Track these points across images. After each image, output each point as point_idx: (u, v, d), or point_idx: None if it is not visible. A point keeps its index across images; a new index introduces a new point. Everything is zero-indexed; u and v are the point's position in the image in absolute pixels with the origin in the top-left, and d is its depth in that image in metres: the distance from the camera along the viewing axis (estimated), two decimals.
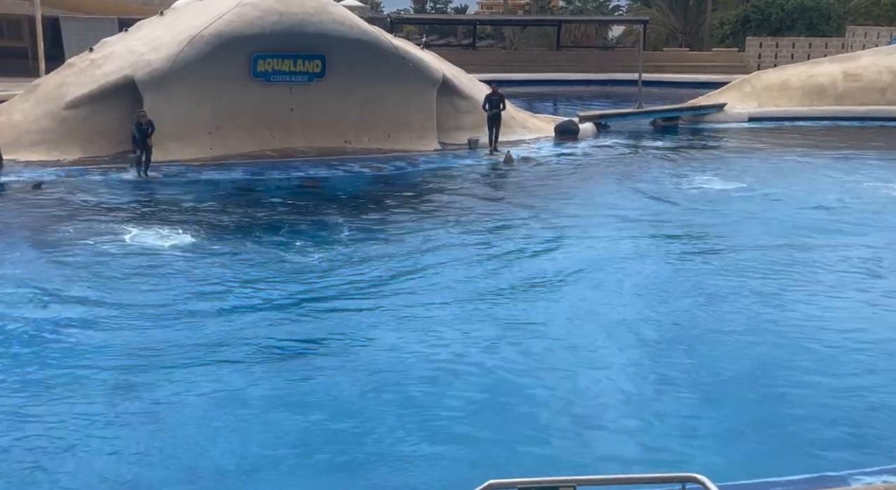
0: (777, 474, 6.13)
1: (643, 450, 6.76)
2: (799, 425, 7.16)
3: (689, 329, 9.23)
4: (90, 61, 18.71)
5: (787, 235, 12.95)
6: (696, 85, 31.54)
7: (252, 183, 16.83)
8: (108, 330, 8.96)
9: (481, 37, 50.23)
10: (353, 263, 11.47)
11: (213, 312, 9.49)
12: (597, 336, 8.99)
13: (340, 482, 6.33)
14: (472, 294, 10.24)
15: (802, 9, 40.01)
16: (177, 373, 7.97)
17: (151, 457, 6.57)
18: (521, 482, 3.94)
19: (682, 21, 47.88)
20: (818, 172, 18.44)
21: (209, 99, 18.47)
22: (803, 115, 25.92)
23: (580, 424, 7.21)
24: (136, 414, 7.21)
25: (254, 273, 10.94)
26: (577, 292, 10.38)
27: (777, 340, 8.92)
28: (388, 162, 18.71)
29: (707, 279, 10.95)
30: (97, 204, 14.57)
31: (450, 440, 6.90)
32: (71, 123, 17.96)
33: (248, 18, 18.27)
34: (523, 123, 22.35)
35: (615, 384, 7.89)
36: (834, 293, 10.44)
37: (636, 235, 13.01)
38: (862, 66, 26.92)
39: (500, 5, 70.96)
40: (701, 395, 7.69)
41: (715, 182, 17.18)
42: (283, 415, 7.24)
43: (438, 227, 13.49)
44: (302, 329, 9.17)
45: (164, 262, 11.31)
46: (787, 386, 7.87)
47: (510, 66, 37.33)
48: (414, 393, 7.68)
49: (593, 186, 16.89)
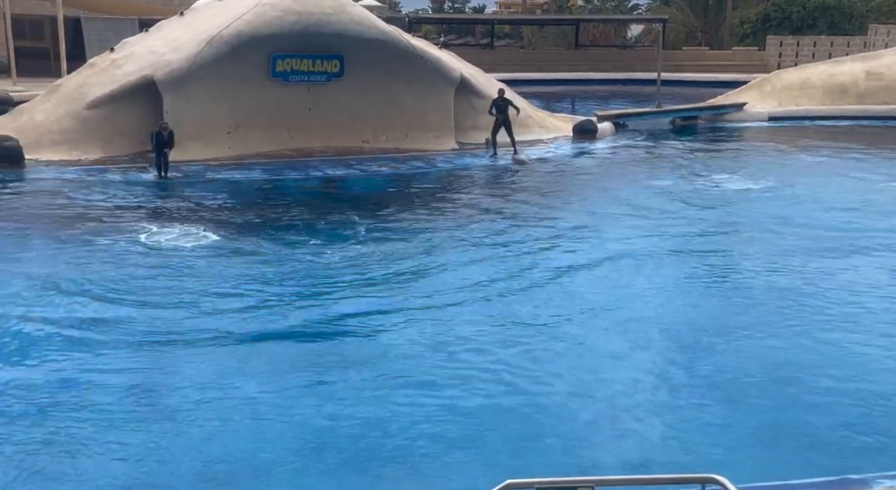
0: (798, 477, 6.07)
1: (662, 450, 6.72)
2: (822, 427, 7.09)
3: (710, 329, 9.16)
4: (111, 61, 18.86)
5: (807, 235, 12.84)
6: (716, 84, 31.30)
7: (271, 182, 16.90)
8: (121, 328, 9.00)
9: (499, 36, 50.17)
10: (371, 263, 11.48)
11: (230, 311, 9.52)
12: (612, 335, 8.95)
13: (356, 482, 6.33)
14: (489, 292, 10.22)
15: (824, 7, 39.63)
16: (189, 371, 8.01)
17: (163, 456, 6.60)
18: (540, 482, 3.92)
19: (701, 20, 47.58)
20: (839, 172, 18.23)
21: (228, 99, 18.56)
22: (824, 115, 25.66)
23: (599, 423, 7.17)
24: (149, 412, 7.26)
25: (270, 272, 10.97)
26: (594, 291, 10.34)
27: (801, 341, 8.84)
28: (405, 162, 18.72)
29: (724, 278, 10.89)
30: (116, 203, 14.67)
31: (467, 439, 6.88)
32: (92, 123, 18.11)
33: (267, 18, 18.36)
34: (541, 123, 22.29)
35: (633, 384, 7.84)
36: (855, 292, 10.34)
37: (653, 235, 12.92)
38: (884, 64, 26.60)
39: (518, 5, 70.81)
40: (722, 396, 7.63)
41: (733, 181, 17.06)
42: (296, 415, 7.24)
43: (455, 227, 13.47)
44: (317, 328, 9.17)
45: (182, 260, 11.36)
46: (809, 387, 7.80)
47: (528, 66, 37.27)
48: (431, 391, 7.67)
49: (611, 186, 16.80)
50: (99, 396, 7.48)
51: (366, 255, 11.80)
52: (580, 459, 6.56)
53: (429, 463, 6.56)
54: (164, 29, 19.85)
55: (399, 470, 6.48)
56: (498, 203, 15.36)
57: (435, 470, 6.48)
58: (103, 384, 7.72)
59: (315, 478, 6.37)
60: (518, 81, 27.41)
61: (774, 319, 9.43)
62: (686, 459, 6.49)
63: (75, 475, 6.32)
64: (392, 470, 6.48)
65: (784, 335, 8.97)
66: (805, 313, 9.62)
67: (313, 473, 6.41)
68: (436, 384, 7.82)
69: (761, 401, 7.55)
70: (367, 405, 7.40)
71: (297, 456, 6.62)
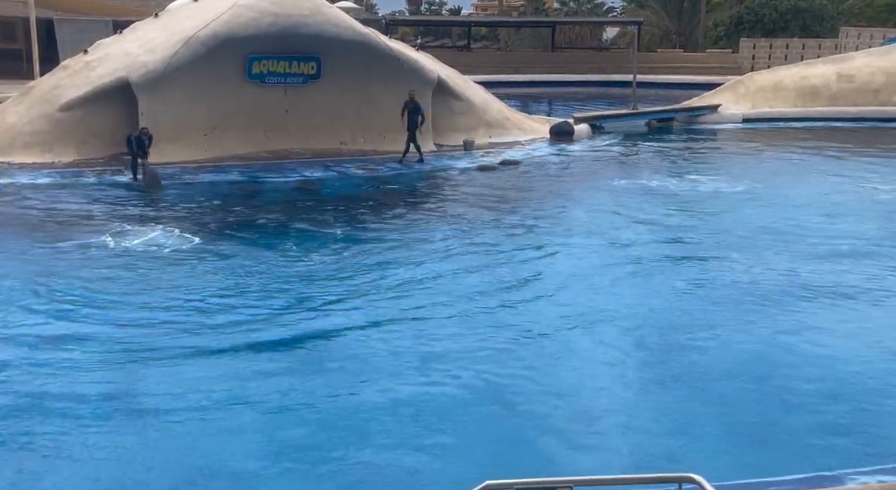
0: (773, 474, 6.16)
1: (640, 450, 6.78)
2: (796, 425, 7.19)
3: (685, 330, 9.25)
4: (85, 63, 18.69)
5: (779, 235, 13.01)
6: (691, 86, 31.62)
7: (248, 184, 16.82)
8: (100, 331, 8.93)
9: (476, 38, 50.30)
10: (348, 265, 11.47)
11: (206, 315, 9.47)
12: (588, 337, 9.02)
13: (340, 484, 6.33)
14: (466, 294, 10.24)
15: (796, 10, 40.14)
16: (162, 376, 7.95)
17: (146, 461, 6.56)
18: (518, 483, 3.95)
19: (676, 22, 47.99)
20: (812, 173, 18.48)
21: (204, 100, 18.46)
22: (797, 116, 26.00)
23: (577, 425, 7.22)
24: (129, 418, 7.21)
25: (249, 275, 10.93)
26: (569, 293, 10.39)
27: (772, 340, 8.96)
28: (383, 163, 18.71)
29: (697, 278, 11.00)
30: (90, 206, 14.54)
31: (446, 441, 6.90)
32: (65, 125, 17.93)
33: (243, 20, 18.27)
34: (519, 125, 22.38)
35: (611, 384, 7.91)
36: (827, 293, 10.48)
37: (629, 237, 13.03)
38: (855, 67, 27.01)
39: (494, 6, 70.99)
40: (697, 395, 7.71)
41: (708, 183, 17.24)
42: (276, 419, 7.23)
43: (433, 229, 13.49)
44: (294, 331, 9.13)
45: (155, 264, 11.28)
46: (782, 385, 7.90)
47: (505, 68, 37.41)
48: (408, 394, 7.68)
49: (587, 187, 16.90)
50: (70, 405, 7.41)
51: (343, 257, 11.79)
52: (558, 459, 6.60)
53: (408, 463, 6.57)
54: (139, 30, 19.69)
55: (378, 472, 6.48)
56: (476, 205, 15.38)
57: (416, 470, 6.49)
58: (72, 392, 7.63)
59: (298, 482, 6.36)
60: (495, 83, 27.50)
61: (749, 318, 9.54)
62: (665, 459, 6.56)
63: (51, 480, 6.26)
64: (371, 473, 6.48)
65: (756, 333, 9.08)
66: (776, 312, 9.74)
67: (297, 477, 6.40)
68: (414, 387, 7.83)
69: (738, 400, 7.64)
70: (345, 409, 7.40)
71: (273, 463, 6.60)
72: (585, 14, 55.56)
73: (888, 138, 23.63)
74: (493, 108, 21.99)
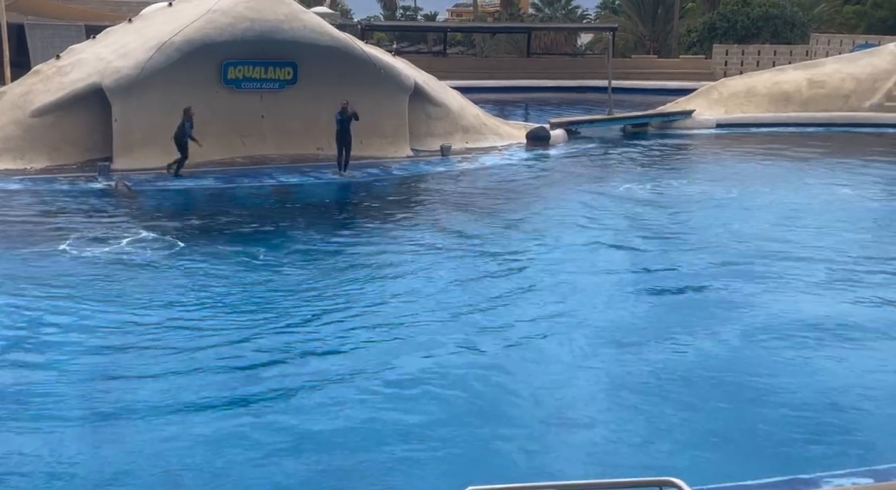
0: (751, 477, 6.22)
1: (621, 455, 6.82)
2: (772, 429, 7.26)
3: (657, 333, 9.31)
4: (57, 69, 18.48)
5: (751, 237, 13.19)
6: (665, 92, 31.89)
7: (224, 190, 16.71)
8: (61, 343, 8.79)
9: (452, 44, 50.41)
10: (324, 272, 11.43)
11: (179, 324, 9.36)
12: (561, 341, 9.07)
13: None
14: (442, 300, 10.26)
15: (767, 17, 40.67)
16: (133, 386, 7.87)
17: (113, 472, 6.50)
18: (501, 488, 3.96)
19: (650, 28, 48.41)
20: (783, 178, 18.71)
21: (179, 106, 18.26)
22: (769, 122, 26.32)
23: (558, 429, 7.24)
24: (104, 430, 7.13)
25: (222, 284, 10.83)
26: (542, 298, 10.43)
27: (743, 344, 9.05)
28: (360, 169, 18.67)
29: (667, 281, 11.11)
30: (62, 213, 14.35)
31: (430, 447, 6.89)
32: (37, 132, 17.71)
33: (219, 25, 18.16)
34: (495, 130, 22.45)
35: (591, 389, 7.94)
36: (794, 291, 10.63)
37: (604, 240, 13.13)
38: (826, 73, 27.41)
39: (470, 12, 71.19)
40: (675, 400, 7.77)
41: (681, 186, 17.43)
42: (258, 425, 7.19)
43: (411, 235, 13.49)
44: (271, 338, 9.08)
45: (126, 272, 11.14)
46: (757, 389, 7.99)
47: (481, 73, 37.48)
48: (389, 400, 7.66)
49: (564, 192, 16.99)
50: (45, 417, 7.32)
51: (319, 264, 11.74)
52: (539, 464, 6.62)
53: (391, 469, 6.55)
54: (113, 35, 19.50)
55: (361, 480, 6.46)
56: (453, 211, 15.40)
57: (399, 476, 6.47)
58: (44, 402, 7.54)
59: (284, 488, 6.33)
60: (471, 88, 27.55)
61: (719, 322, 9.64)
62: (644, 462, 6.60)
63: None
64: (353, 482, 6.46)
65: (725, 337, 9.17)
66: (744, 315, 9.83)
67: (281, 483, 6.37)
68: (394, 392, 7.82)
69: (716, 405, 7.70)
70: (326, 417, 7.37)
71: (256, 468, 6.56)
72: (560, 20, 55.83)
73: (857, 143, 24.00)
74: (470, 114, 22.04)
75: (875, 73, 27.10)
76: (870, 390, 7.92)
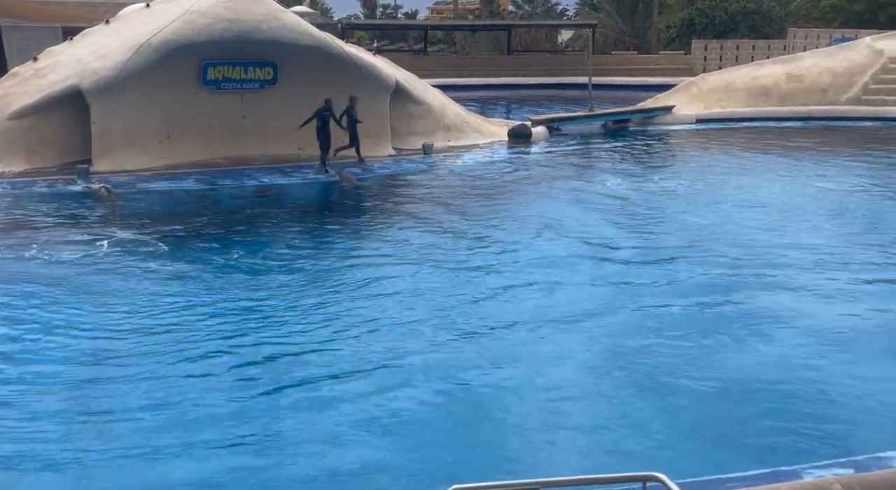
0: (733, 470, 6.28)
1: (604, 450, 6.86)
2: (753, 422, 7.33)
3: (640, 330, 9.37)
4: (34, 70, 18.31)
5: (728, 232, 13.31)
6: (645, 88, 32.03)
7: (204, 192, 16.61)
8: (55, 343, 8.76)
9: (432, 42, 50.32)
10: (307, 273, 11.40)
11: (161, 328, 9.31)
12: (544, 339, 9.10)
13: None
14: (423, 299, 10.27)
15: (745, 12, 40.95)
16: (116, 389, 7.84)
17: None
18: (485, 486, 3.98)
19: (629, 25, 48.60)
20: (763, 172, 18.85)
21: (158, 107, 18.20)
22: (748, 116, 26.50)
23: (543, 427, 7.27)
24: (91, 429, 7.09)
25: (205, 285, 10.79)
26: (525, 297, 10.46)
27: (727, 339, 9.13)
28: (342, 168, 18.62)
29: (650, 278, 11.18)
30: (41, 216, 14.23)
31: (414, 446, 6.90)
32: (15, 135, 17.54)
33: (197, 26, 18.06)
34: (477, 128, 22.46)
35: (573, 386, 7.98)
36: (774, 284, 10.73)
37: (586, 237, 13.18)
38: (804, 67, 27.63)
39: (450, 11, 71.15)
40: (657, 395, 7.83)
41: (662, 182, 17.52)
42: (239, 427, 7.17)
43: (393, 234, 13.49)
44: (254, 341, 9.06)
45: (103, 277, 11.04)
46: (735, 382, 8.06)
47: (462, 71, 37.48)
48: (371, 400, 7.67)
49: (545, 189, 17.03)
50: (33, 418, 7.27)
51: (303, 265, 11.72)
52: (524, 461, 6.65)
53: (375, 469, 6.56)
54: (90, 37, 19.34)
55: (347, 480, 6.46)
56: (436, 210, 15.39)
57: (383, 475, 6.48)
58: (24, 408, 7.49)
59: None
60: (452, 86, 27.57)
61: (701, 321, 9.71)
62: (628, 457, 6.65)
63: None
64: (341, 476, 6.46)
65: (710, 336, 9.24)
66: (726, 315, 9.92)
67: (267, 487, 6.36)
68: (377, 392, 7.82)
69: (697, 399, 7.77)
70: (312, 417, 7.36)
71: (248, 473, 6.55)
72: (540, 17, 55.96)
73: (835, 136, 24.21)
74: (452, 112, 22.04)
75: (852, 67, 27.36)
76: (851, 384, 8.01)
